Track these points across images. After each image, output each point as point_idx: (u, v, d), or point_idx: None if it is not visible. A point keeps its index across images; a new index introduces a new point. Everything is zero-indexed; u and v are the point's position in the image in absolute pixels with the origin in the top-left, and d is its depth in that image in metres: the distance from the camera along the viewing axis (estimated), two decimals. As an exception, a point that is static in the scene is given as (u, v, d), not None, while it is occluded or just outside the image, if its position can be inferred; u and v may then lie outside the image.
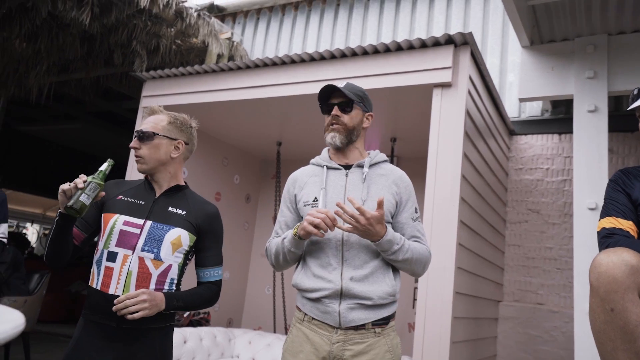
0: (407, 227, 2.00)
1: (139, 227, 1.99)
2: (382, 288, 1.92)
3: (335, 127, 2.02)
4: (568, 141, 4.62)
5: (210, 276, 2.08)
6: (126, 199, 2.05)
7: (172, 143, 2.06)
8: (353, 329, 1.89)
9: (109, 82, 6.64)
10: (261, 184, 5.92)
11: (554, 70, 3.70)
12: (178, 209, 2.05)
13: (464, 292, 3.38)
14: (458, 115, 3.21)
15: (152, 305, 1.88)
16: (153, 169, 2.06)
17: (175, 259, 2.01)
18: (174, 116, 2.11)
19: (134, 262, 1.95)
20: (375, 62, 3.53)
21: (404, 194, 2.03)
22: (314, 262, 1.96)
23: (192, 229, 2.04)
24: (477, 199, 3.71)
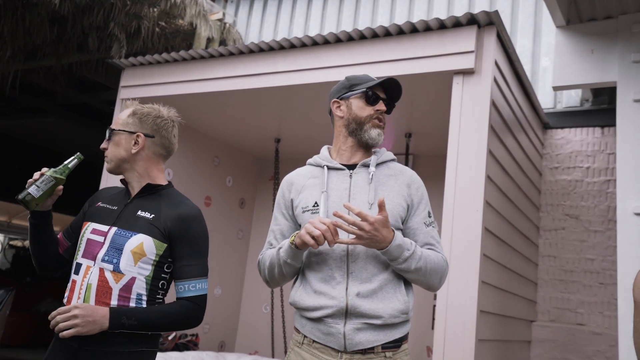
0: (420, 233, 2.00)
1: (103, 235, 2.01)
2: (393, 305, 1.92)
3: (382, 124, 2.09)
4: (612, 135, 4.60)
5: (185, 290, 1.98)
6: (103, 205, 2.09)
7: (132, 137, 2.07)
8: (360, 352, 1.89)
9: (83, 71, 6.69)
10: (257, 187, 5.94)
11: (594, 54, 3.70)
12: (146, 212, 2.02)
13: (490, 310, 3.38)
14: (482, 107, 3.22)
15: (86, 322, 1.83)
16: (117, 168, 2.09)
17: (140, 270, 1.96)
18: (138, 107, 2.13)
19: (94, 274, 1.95)
20: (386, 47, 3.54)
21: (416, 196, 2.04)
22: (315, 276, 1.96)
23: (159, 234, 1.99)
24: (505, 203, 3.71)
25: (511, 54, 3.60)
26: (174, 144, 2.16)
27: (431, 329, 4.70)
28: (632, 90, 3.41)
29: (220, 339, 5.45)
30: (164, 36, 5.82)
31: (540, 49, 5.01)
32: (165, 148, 2.13)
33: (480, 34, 3.32)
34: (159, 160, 2.13)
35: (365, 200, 1.96)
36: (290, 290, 2.11)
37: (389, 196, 1.99)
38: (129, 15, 5.42)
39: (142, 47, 5.64)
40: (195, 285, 1.98)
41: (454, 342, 3.00)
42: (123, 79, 4.60)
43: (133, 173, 2.09)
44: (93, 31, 5.73)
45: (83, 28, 5.73)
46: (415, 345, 4.67)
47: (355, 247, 1.93)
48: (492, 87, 3.26)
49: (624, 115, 3.42)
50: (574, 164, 4.72)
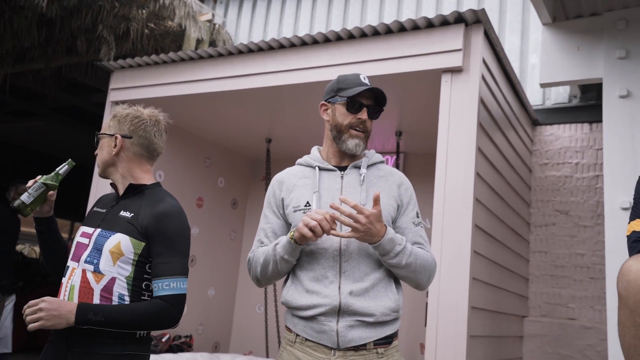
0: (409, 232, 2.04)
1: (88, 237, 2.04)
2: (385, 303, 1.95)
3: (359, 134, 2.06)
4: (600, 131, 4.65)
5: (159, 289, 1.93)
6: (95, 209, 2.15)
7: (112, 139, 2.10)
8: (353, 349, 1.92)
9: (72, 73, 6.68)
10: (249, 187, 5.96)
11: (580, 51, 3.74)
12: (127, 211, 2.03)
13: (481, 306, 3.41)
14: (471, 104, 3.25)
15: (50, 316, 1.84)
16: (104, 172, 2.14)
17: (120, 270, 1.95)
18: (118, 110, 2.16)
19: (77, 276, 1.98)
20: (375, 46, 3.57)
21: (405, 196, 2.07)
22: (307, 275, 1.98)
23: (137, 233, 1.98)
24: (495, 200, 3.75)
25: (499, 52, 3.63)
26: (156, 144, 2.14)
27: (424, 327, 4.73)
28: (618, 86, 3.45)
29: (214, 340, 5.46)
30: (153, 38, 5.82)
31: (529, 47, 5.05)
32: (145, 148, 2.12)
33: (468, 32, 3.35)
34: (141, 160, 2.12)
35: (357, 201, 1.99)
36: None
37: (381, 197, 2.02)
38: (118, 17, 5.42)
39: (131, 49, 5.64)
40: (170, 284, 1.93)
41: (446, 338, 3.03)
42: (112, 82, 4.60)
43: (117, 175, 2.11)
44: (81, 34, 5.72)
45: (71, 31, 5.71)
46: (408, 343, 4.70)
47: (349, 247, 1.96)
48: (480, 85, 3.29)
49: (610, 111, 3.46)
50: (563, 160, 4.76)
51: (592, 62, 3.69)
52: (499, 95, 3.77)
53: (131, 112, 2.13)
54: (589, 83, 4.03)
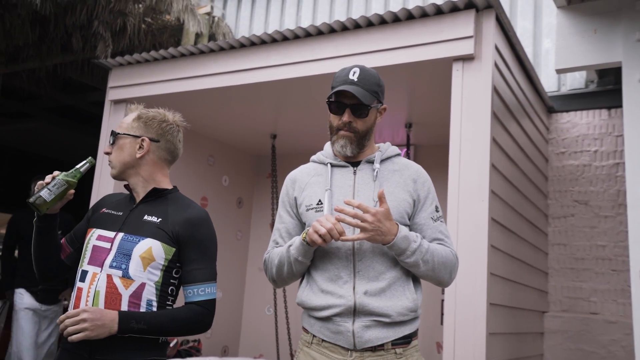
0: (427, 228, 2.04)
1: (109, 241, 2.04)
2: (402, 303, 1.96)
3: (346, 135, 2.04)
4: (619, 117, 4.64)
5: (194, 295, 2.01)
6: (108, 211, 2.13)
7: (137, 141, 2.10)
8: (370, 350, 1.93)
9: (68, 72, 6.69)
10: (255, 185, 5.98)
11: (596, 34, 3.72)
12: (153, 216, 2.06)
13: (500, 302, 3.42)
14: (484, 93, 3.25)
15: (95, 326, 1.86)
16: (122, 174, 2.12)
17: (150, 276, 1.99)
18: (143, 112, 2.16)
19: (101, 281, 1.98)
20: (382, 35, 3.57)
21: (422, 190, 2.07)
22: (321, 276, 2.00)
23: (168, 238, 2.02)
24: (512, 192, 3.75)
25: (511, 37, 3.63)
26: (179, 149, 2.20)
27: (440, 325, 4.74)
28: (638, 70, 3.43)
29: (223, 344, 5.49)
30: (150, 33, 5.83)
31: (542, 31, 5.04)
32: (171, 153, 2.16)
33: (479, 18, 3.35)
34: (163, 165, 2.16)
35: (370, 197, 2.00)
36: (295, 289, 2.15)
37: (394, 192, 2.02)
38: (114, 13, 5.43)
39: (128, 45, 5.65)
40: (205, 290, 2.01)
41: (464, 336, 3.04)
42: (111, 80, 4.62)
43: (138, 178, 2.12)
44: (77, 31, 5.73)
45: (66, 28, 5.73)
46: (424, 342, 4.72)
47: (362, 246, 1.96)
48: (493, 73, 3.29)
49: (630, 96, 3.44)
50: (581, 148, 4.76)
51: (610, 45, 3.68)
52: (513, 82, 3.77)
53: (157, 115, 2.16)
54: (607, 67, 4.02)
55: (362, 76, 2.04)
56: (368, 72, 2.07)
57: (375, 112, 2.08)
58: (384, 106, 2.12)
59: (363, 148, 2.07)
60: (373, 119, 2.07)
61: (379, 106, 2.08)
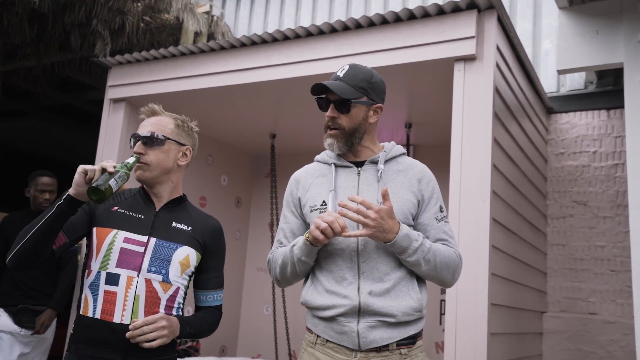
0: (431, 228, 2.04)
1: (142, 245, 2.05)
2: (407, 303, 1.96)
3: (332, 132, 2.05)
4: (619, 118, 4.65)
5: (213, 300, 2.19)
6: (123, 211, 2.10)
7: (181, 149, 2.16)
8: (375, 350, 1.94)
9: (65, 70, 6.66)
10: (253, 185, 5.96)
11: (598, 35, 3.73)
12: (182, 224, 2.13)
13: (500, 303, 3.43)
14: (485, 94, 3.25)
15: (170, 332, 1.97)
16: (156, 178, 2.12)
17: (183, 281, 2.11)
18: (180, 119, 2.21)
19: (140, 285, 2.01)
20: (383, 35, 3.57)
21: (426, 191, 2.06)
22: (326, 276, 2.00)
23: (199, 247, 2.14)
24: (512, 192, 3.76)
25: (512, 38, 3.63)
26: None
27: (439, 324, 4.75)
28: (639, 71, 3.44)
29: (221, 343, 5.48)
30: (149, 31, 5.81)
31: (541, 31, 5.05)
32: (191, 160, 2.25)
33: (481, 19, 3.35)
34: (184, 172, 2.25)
35: (374, 199, 1.99)
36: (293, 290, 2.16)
37: (398, 192, 2.02)
38: (112, 11, 5.40)
39: (127, 44, 5.63)
40: (220, 295, 2.22)
41: (466, 337, 3.04)
42: (110, 78, 4.60)
43: (168, 184, 2.16)
44: (75, 29, 5.70)
45: (64, 26, 5.70)
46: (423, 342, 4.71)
47: (366, 247, 1.96)
48: (494, 73, 3.29)
49: (632, 97, 3.45)
50: (580, 148, 4.77)
51: (611, 46, 3.69)
52: (514, 83, 3.78)
53: (191, 124, 2.25)
54: (609, 68, 4.03)
55: (350, 72, 2.05)
56: (357, 69, 2.07)
57: (365, 109, 2.05)
58: (377, 104, 2.08)
59: (353, 146, 2.06)
60: (361, 116, 2.04)
61: (368, 103, 2.05)
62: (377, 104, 2.09)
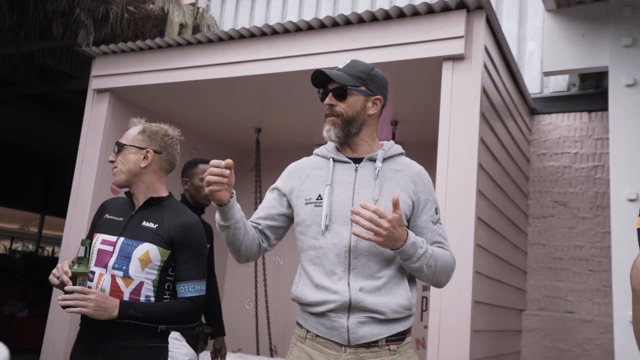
0: (427, 231, 2.04)
1: (112, 245, 2.28)
2: (397, 300, 1.97)
3: (330, 119, 2.06)
4: (600, 120, 4.73)
5: (185, 291, 2.27)
6: (110, 217, 2.37)
7: (141, 152, 2.33)
8: (364, 346, 1.94)
9: (46, 59, 6.56)
10: (237, 179, 5.87)
11: (584, 38, 3.79)
12: (150, 222, 2.30)
13: (483, 300, 3.47)
14: (473, 93, 3.28)
15: (98, 307, 2.11)
16: (126, 181, 2.34)
17: (147, 275, 2.24)
18: (147, 125, 2.41)
19: (106, 281, 2.24)
20: (373, 32, 3.58)
21: (422, 193, 2.07)
22: (315, 270, 2.00)
23: (163, 242, 2.27)
24: (496, 192, 3.80)
25: (500, 39, 3.67)
26: (177, 160, 2.46)
27: (420, 321, 4.79)
28: (624, 75, 3.50)
29: (201, 338, 5.46)
30: (133, 22, 5.74)
31: (526, 33, 5.10)
32: (170, 163, 2.42)
33: (470, 19, 3.38)
34: (162, 174, 2.41)
35: (369, 196, 2.00)
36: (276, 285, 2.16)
37: (394, 192, 2.02)
38: (96, 0, 5.34)
39: (110, 34, 5.56)
40: (195, 287, 2.28)
41: (449, 334, 3.07)
42: (95, 69, 4.54)
43: (140, 185, 2.35)
44: (57, 17, 5.62)
45: (46, 13, 5.61)
46: (404, 338, 4.75)
47: (358, 244, 1.96)
48: (482, 73, 3.32)
49: (616, 100, 3.52)
50: (562, 149, 4.84)
51: (597, 50, 3.75)
52: (500, 83, 3.82)
53: (160, 129, 2.41)
54: (594, 72, 4.09)
55: (350, 64, 2.10)
56: (357, 62, 2.12)
57: (363, 98, 2.06)
58: (377, 96, 2.10)
59: (349, 135, 2.07)
60: (359, 105, 2.06)
61: (367, 93, 2.07)
62: (375, 95, 2.10)
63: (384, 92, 2.13)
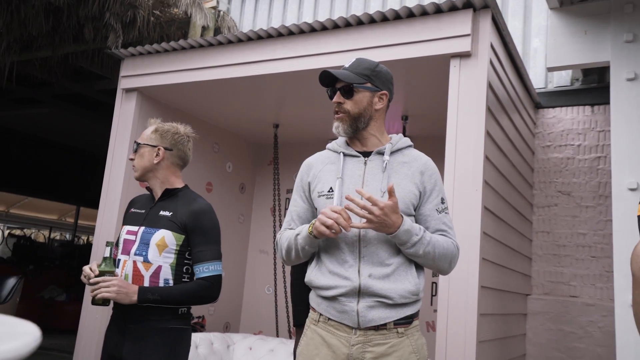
0: (432, 219, 2.04)
1: (134, 234, 2.41)
2: (404, 286, 1.97)
3: (338, 116, 2.06)
4: (602, 113, 4.65)
5: (200, 272, 2.34)
6: (134, 210, 2.50)
7: (154, 150, 2.45)
8: (373, 329, 1.95)
9: (79, 61, 6.63)
10: (257, 172, 5.95)
11: (587, 34, 3.72)
12: (166, 211, 2.41)
13: (489, 285, 3.44)
14: (479, 89, 3.24)
15: (120, 292, 2.23)
16: (142, 176, 2.47)
17: (165, 259, 2.34)
18: (160, 125, 2.51)
19: (129, 266, 2.37)
20: (383, 32, 3.55)
21: (429, 183, 2.06)
22: (329, 258, 2.02)
23: (177, 228, 2.36)
24: (502, 182, 3.76)
25: (505, 36, 3.61)
26: (189, 155, 2.56)
27: (430, 305, 4.77)
28: (625, 69, 3.44)
29: (225, 320, 5.50)
30: (159, 25, 5.77)
31: (531, 30, 5.03)
32: (182, 159, 2.52)
33: (476, 17, 3.33)
34: (176, 168, 2.51)
35: (377, 188, 2.00)
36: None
37: (401, 184, 2.02)
38: (124, 5, 5.37)
39: (138, 37, 5.59)
40: (209, 267, 2.34)
41: (457, 317, 3.05)
42: (123, 69, 4.56)
43: (156, 180, 2.47)
44: (88, 21, 5.67)
45: (78, 19, 5.66)
46: (415, 321, 4.74)
47: (367, 233, 1.97)
48: (488, 70, 3.28)
49: (618, 94, 3.46)
50: (566, 142, 4.77)
51: (599, 46, 3.68)
52: (505, 79, 3.76)
53: (171, 128, 2.50)
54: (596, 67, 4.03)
55: (354, 63, 2.09)
56: (362, 60, 2.11)
57: (369, 94, 2.06)
58: (383, 92, 2.09)
59: (357, 130, 2.06)
60: (365, 101, 2.05)
61: (373, 89, 2.06)
62: (381, 90, 2.08)
63: (389, 87, 2.13)
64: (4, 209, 17.28)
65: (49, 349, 7.28)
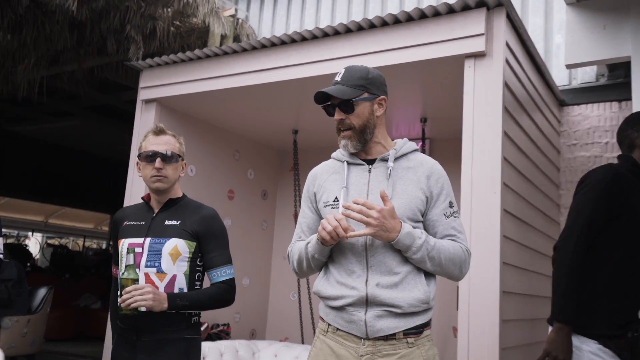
0: (440, 224, 1.99)
1: (140, 246, 2.36)
2: (413, 295, 1.93)
3: (345, 134, 2.02)
4: (630, 109, 4.50)
5: (218, 276, 2.37)
6: (130, 223, 2.46)
7: (182, 164, 2.49)
8: (382, 339, 1.92)
9: (104, 73, 6.78)
10: (278, 178, 5.97)
11: (606, 29, 3.61)
12: (173, 220, 2.39)
13: (513, 290, 3.36)
14: (495, 88, 3.18)
15: (155, 299, 2.19)
16: (169, 188, 2.45)
17: (179, 268, 2.33)
18: (177, 137, 2.52)
19: (140, 279, 2.31)
20: (396, 34, 3.51)
21: (435, 187, 2.01)
22: (337, 269, 2.00)
23: (188, 235, 2.36)
24: (524, 183, 3.67)
25: (522, 34, 3.54)
26: None
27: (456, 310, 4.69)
28: (647, 63, 3.33)
29: (251, 327, 5.52)
30: (179, 35, 5.85)
31: (553, 26, 4.92)
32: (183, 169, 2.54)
33: (490, 16, 3.27)
34: None
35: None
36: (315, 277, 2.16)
37: (407, 189, 1.99)
38: (144, 17, 5.45)
39: (159, 47, 5.68)
40: (225, 271, 2.38)
41: (478, 322, 3.00)
42: (142, 80, 4.64)
43: (171, 191, 2.47)
44: (111, 34, 5.78)
45: (101, 32, 5.78)
46: (441, 327, 4.67)
47: (374, 243, 1.95)
48: (504, 69, 3.21)
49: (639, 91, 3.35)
50: (592, 139, 4.64)
51: (619, 40, 3.57)
52: (524, 77, 3.68)
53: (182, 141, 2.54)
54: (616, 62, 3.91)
55: (346, 74, 2.04)
56: (352, 69, 2.06)
57: (369, 104, 2.02)
58: (381, 97, 2.05)
59: (366, 142, 2.03)
60: (367, 112, 2.01)
61: (371, 97, 2.02)
62: (379, 96, 2.05)
63: (384, 90, 2.10)
64: (43, 219, 17.78)
65: (84, 357, 7.44)
